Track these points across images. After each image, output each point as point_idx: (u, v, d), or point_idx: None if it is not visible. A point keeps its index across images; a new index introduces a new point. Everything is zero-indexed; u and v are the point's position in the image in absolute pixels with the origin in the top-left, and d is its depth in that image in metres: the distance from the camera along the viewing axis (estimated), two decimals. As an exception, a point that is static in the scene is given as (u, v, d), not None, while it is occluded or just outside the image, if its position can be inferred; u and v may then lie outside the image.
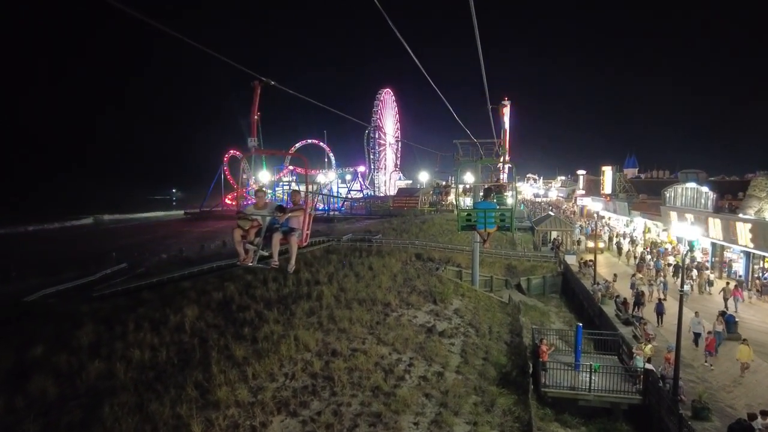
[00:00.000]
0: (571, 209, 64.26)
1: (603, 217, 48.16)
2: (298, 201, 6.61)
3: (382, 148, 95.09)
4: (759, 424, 9.73)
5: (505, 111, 57.12)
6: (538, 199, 74.92)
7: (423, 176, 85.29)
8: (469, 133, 22.46)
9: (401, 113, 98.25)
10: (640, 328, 17.18)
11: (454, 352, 16.10)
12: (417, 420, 11.29)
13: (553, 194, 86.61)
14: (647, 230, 38.02)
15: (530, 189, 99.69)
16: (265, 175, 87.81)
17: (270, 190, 77.83)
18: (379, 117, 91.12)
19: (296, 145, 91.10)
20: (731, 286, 20.90)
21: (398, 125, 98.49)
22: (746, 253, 23.31)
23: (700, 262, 26.73)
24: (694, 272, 24.01)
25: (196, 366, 13.20)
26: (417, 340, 16.22)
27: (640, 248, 34.17)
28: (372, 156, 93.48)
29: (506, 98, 57.98)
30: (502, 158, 23.75)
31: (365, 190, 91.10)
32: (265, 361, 13.16)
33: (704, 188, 26.99)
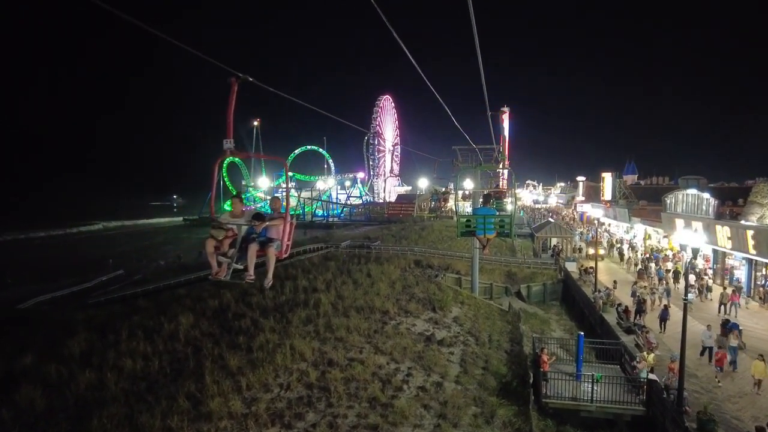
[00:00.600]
0: (571, 216, 64.10)
1: (603, 223, 47.96)
2: (278, 208, 6.10)
3: (381, 155, 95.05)
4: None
5: (505, 117, 57.23)
6: (537, 206, 74.80)
7: (422, 182, 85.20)
8: (469, 138, 22.32)
9: (401, 120, 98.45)
10: (642, 337, 16.93)
11: (454, 361, 15.78)
12: (415, 432, 10.99)
13: (553, 201, 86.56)
14: (648, 237, 37.82)
15: (530, 195, 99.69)
16: (264, 182, 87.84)
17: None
18: (378, 123, 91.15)
19: (295, 151, 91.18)
20: (728, 291, 20.84)
21: (398, 132, 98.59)
22: (748, 260, 23.07)
23: (701, 268, 26.53)
24: (691, 277, 23.84)
25: (189, 376, 12.91)
26: (415, 349, 15.92)
27: (640, 254, 34.00)
28: (371, 162, 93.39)
29: (505, 105, 58.18)
30: (502, 164, 23.58)
31: (365, 197, 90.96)
32: (260, 371, 12.86)
33: (705, 194, 26.79)
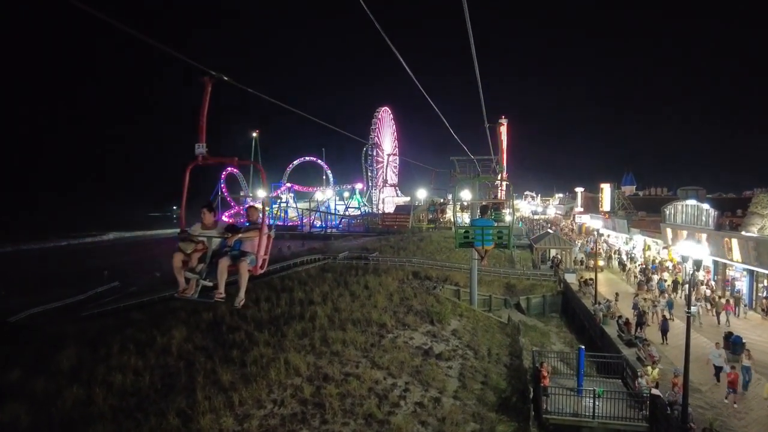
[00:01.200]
0: (570, 227, 63.91)
1: (602, 234, 47.78)
2: (255, 219, 5.58)
3: (380, 166, 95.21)
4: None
5: (502, 129, 57.58)
6: (536, 217, 74.74)
7: (421, 193, 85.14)
8: (466, 149, 22.31)
9: (399, 131, 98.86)
10: (643, 350, 16.62)
11: (452, 375, 15.44)
12: (412, 451, 10.65)
13: (551, 211, 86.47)
14: (647, 248, 37.62)
15: (528, 206, 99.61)
16: (263, 192, 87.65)
17: (268, 208, 77.46)
18: (377, 134, 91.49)
19: (294, 162, 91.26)
20: (722, 300, 20.72)
21: (396, 143, 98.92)
22: (750, 271, 22.85)
23: (701, 279, 26.26)
24: (704, 289, 23.79)
25: (180, 391, 12.58)
26: (413, 363, 15.59)
27: (638, 265, 33.78)
28: (370, 173, 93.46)
29: (503, 116, 58.66)
30: (500, 175, 23.50)
31: (363, 208, 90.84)
32: (253, 387, 12.54)
33: (705, 205, 26.65)
